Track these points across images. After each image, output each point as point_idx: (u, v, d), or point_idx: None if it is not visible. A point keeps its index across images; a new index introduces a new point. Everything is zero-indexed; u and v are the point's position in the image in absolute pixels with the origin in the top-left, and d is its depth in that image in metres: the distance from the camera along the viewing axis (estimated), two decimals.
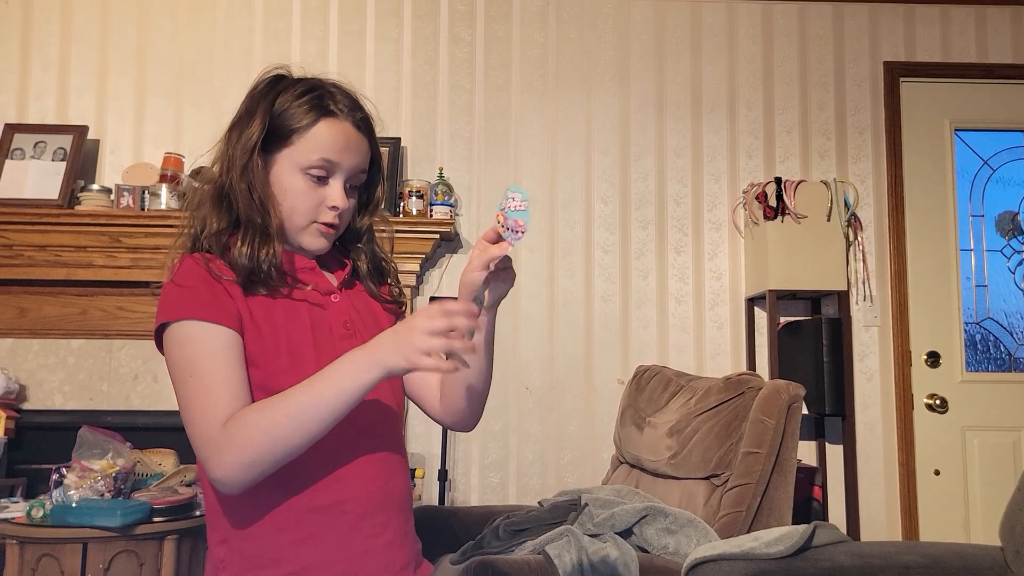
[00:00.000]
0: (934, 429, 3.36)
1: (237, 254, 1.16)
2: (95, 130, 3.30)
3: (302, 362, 1.15)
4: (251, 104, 1.23)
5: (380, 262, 1.34)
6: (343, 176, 1.21)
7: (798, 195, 3.16)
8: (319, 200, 1.20)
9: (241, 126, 1.21)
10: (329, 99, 1.21)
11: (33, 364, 3.16)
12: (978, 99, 3.54)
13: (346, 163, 1.20)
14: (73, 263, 3.05)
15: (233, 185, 1.18)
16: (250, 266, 1.15)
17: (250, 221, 1.17)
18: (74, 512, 2.25)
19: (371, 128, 1.26)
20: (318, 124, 1.19)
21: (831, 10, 3.54)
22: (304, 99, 1.20)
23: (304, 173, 1.19)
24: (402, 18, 3.46)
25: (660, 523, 1.94)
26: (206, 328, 1.10)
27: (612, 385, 3.33)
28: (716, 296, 3.41)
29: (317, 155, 1.18)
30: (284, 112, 1.19)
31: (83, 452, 2.45)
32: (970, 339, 3.45)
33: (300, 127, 1.19)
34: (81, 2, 3.38)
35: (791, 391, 2.06)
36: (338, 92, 1.23)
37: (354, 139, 1.21)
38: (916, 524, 3.29)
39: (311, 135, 1.18)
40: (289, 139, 1.19)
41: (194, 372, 1.09)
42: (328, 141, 1.18)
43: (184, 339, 1.11)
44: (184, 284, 1.14)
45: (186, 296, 1.13)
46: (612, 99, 3.48)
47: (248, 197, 1.18)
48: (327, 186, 1.20)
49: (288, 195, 1.19)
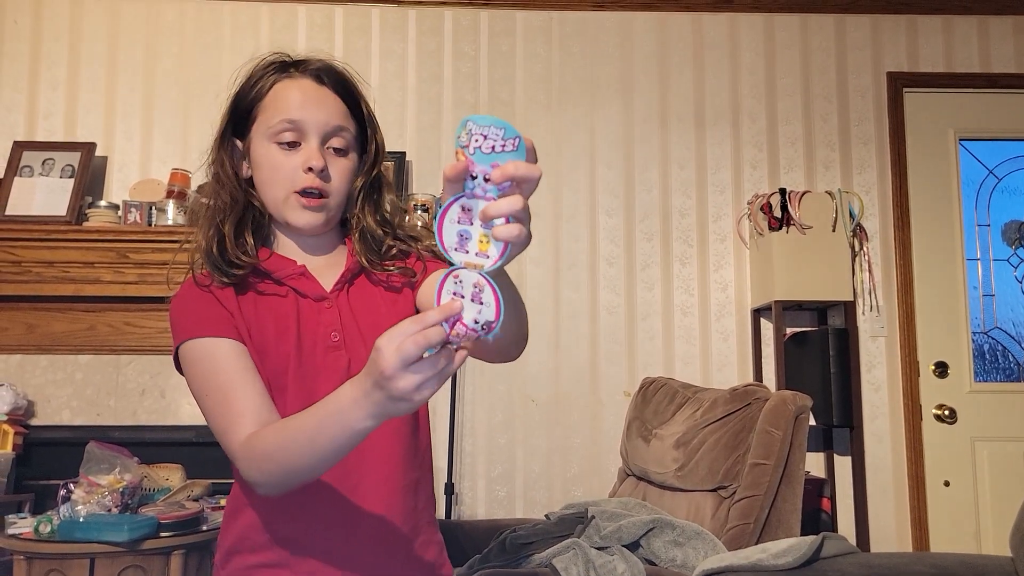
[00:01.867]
0: (943, 440, 3.35)
1: (204, 246, 1.13)
2: (103, 147, 3.33)
3: (284, 383, 1.11)
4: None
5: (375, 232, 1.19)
6: (316, 136, 1.13)
7: (803, 206, 3.17)
8: (294, 164, 1.13)
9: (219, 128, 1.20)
10: (289, 63, 1.18)
11: (41, 380, 3.17)
12: (982, 109, 3.54)
13: (311, 119, 1.13)
14: (81, 279, 3.07)
15: (213, 186, 1.19)
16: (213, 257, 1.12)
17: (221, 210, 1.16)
18: (81, 527, 2.25)
19: (340, 79, 1.18)
20: (275, 87, 1.15)
21: (833, 21, 3.55)
22: (265, 70, 1.17)
23: (274, 142, 1.13)
24: (406, 34, 3.49)
25: (667, 535, 1.93)
26: (206, 343, 1.09)
27: (618, 397, 3.32)
28: (722, 307, 3.40)
29: (278, 117, 1.13)
30: (247, 92, 1.17)
31: (90, 467, 2.46)
32: (978, 349, 3.44)
33: (259, 97, 1.15)
34: (90, 21, 3.42)
35: (798, 402, 2.06)
36: (302, 58, 1.19)
37: (314, 92, 1.15)
38: (926, 535, 3.27)
39: (269, 100, 1.15)
40: (252, 112, 1.16)
41: (208, 392, 1.07)
42: (286, 101, 1.13)
43: (192, 360, 1.10)
44: (177, 307, 1.13)
45: (183, 317, 1.12)
46: (616, 112, 3.49)
47: (221, 191, 1.17)
48: (300, 150, 1.13)
49: (263, 168, 1.15)
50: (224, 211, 1.15)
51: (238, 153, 1.19)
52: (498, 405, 3.32)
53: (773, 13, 3.55)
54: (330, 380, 1.11)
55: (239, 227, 1.15)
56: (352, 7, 3.48)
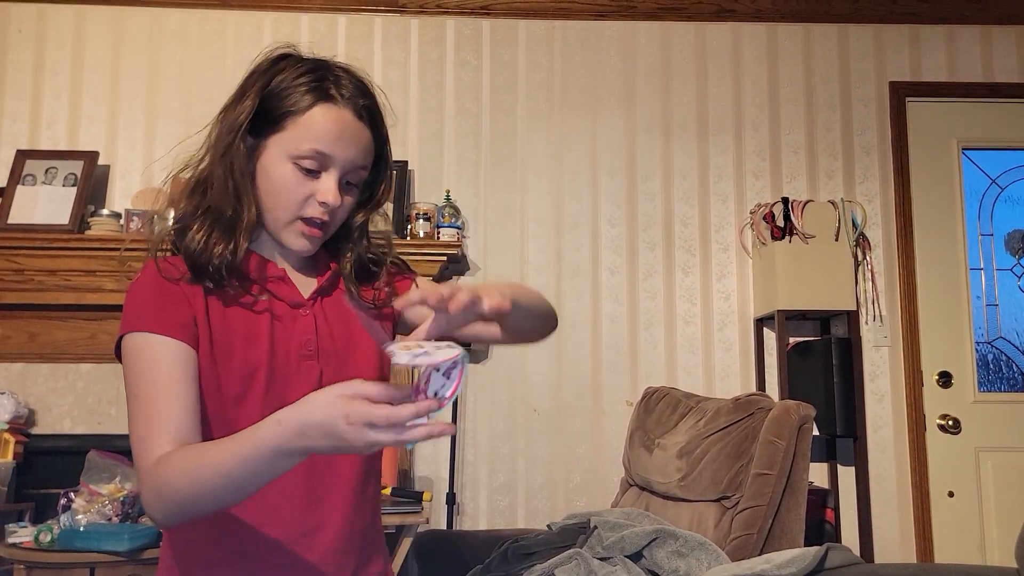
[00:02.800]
0: (947, 450, 3.33)
1: (188, 240, 1.06)
2: (105, 156, 3.33)
3: (252, 390, 1.07)
4: (247, 82, 1.11)
5: (368, 262, 1.19)
6: (338, 171, 1.08)
7: (806, 215, 3.16)
8: (307, 193, 1.07)
9: (232, 106, 1.10)
10: (331, 82, 1.08)
11: (42, 388, 3.16)
12: (985, 118, 3.54)
13: (340, 156, 1.07)
14: (83, 287, 3.07)
15: (212, 169, 1.08)
16: (196, 257, 1.05)
17: (217, 210, 1.07)
18: (82, 536, 2.24)
19: (376, 118, 1.12)
20: (313, 109, 1.06)
21: (836, 31, 3.56)
22: (303, 79, 1.08)
23: (293, 163, 1.06)
24: (409, 43, 3.49)
25: (670, 546, 1.92)
26: (152, 341, 1.02)
27: (621, 407, 3.31)
28: (725, 317, 3.40)
29: (308, 145, 1.05)
30: (279, 92, 1.08)
31: (91, 476, 2.45)
32: (982, 359, 3.42)
33: (294, 111, 1.06)
34: (93, 30, 3.43)
35: (801, 411, 2.05)
36: (344, 76, 1.10)
37: (352, 129, 1.08)
38: (931, 546, 3.25)
39: (304, 121, 1.06)
40: (281, 123, 1.07)
41: (137, 394, 1.01)
42: (322, 130, 1.06)
43: (132, 354, 1.03)
44: (134, 293, 1.06)
45: (135, 306, 1.05)
46: (618, 121, 3.49)
47: (223, 183, 1.07)
48: (318, 180, 1.07)
49: (274, 185, 1.07)
50: (224, 213, 1.07)
51: (248, 148, 1.10)
52: (500, 414, 3.31)
53: (776, 23, 3.55)
54: (300, 390, 1.05)
55: (243, 234, 1.08)
56: (355, 16, 3.49)
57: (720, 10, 3.53)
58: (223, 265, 1.06)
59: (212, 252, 1.05)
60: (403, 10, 3.49)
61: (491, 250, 3.39)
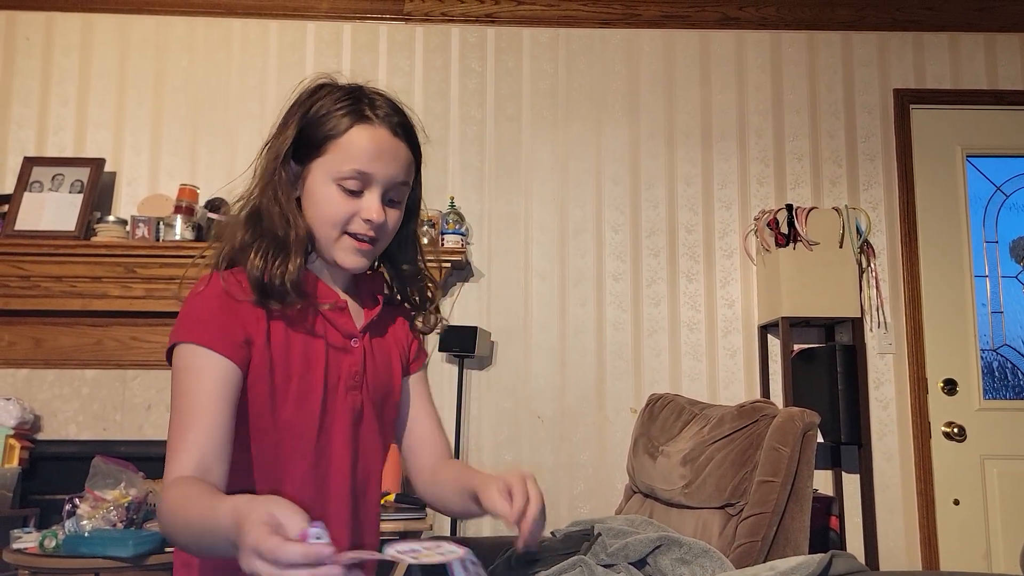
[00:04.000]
0: (952, 458, 3.32)
1: (249, 267, 1.09)
2: (112, 162, 3.35)
3: (304, 416, 1.10)
4: (287, 114, 1.16)
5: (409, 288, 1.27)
6: (380, 188, 1.12)
7: (810, 222, 3.16)
8: (352, 211, 1.12)
9: (275, 137, 1.15)
10: (366, 104, 1.13)
11: (48, 394, 3.17)
12: (989, 125, 3.54)
13: (381, 173, 1.12)
14: (88, 294, 3.08)
15: (261, 199, 1.13)
16: (260, 279, 1.08)
17: (270, 233, 1.11)
18: (86, 542, 2.25)
19: (412, 134, 1.18)
20: (351, 131, 1.11)
21: (840, 38, 3.56)
22: (339, 105, 1.12)
23: (337, 184, 1.11)
24: (413, 51, 3.51)
25: (675, 553, 1.92)
26: (202, 355, 1.04)
27: (624, 414, 3.31)
28: (729, 324, 3.40)
29: (349, 166, 1.10)
30: (318, 119, 1.12)
31: (96, 482, 2.46)
32: (987, 366, 3.42)
33: (333, 135, 1.11)
34: (100, 38, 3.45)
35: (805, 418, 2.04)
36: (379, 98, 1.15)
37: (390, 146, 1.13)
38: (936, 554, 3.24)
39: (344, 143, 1.11)
40: (322, 148, 1.11)
41: (179, 406, 1.03)
42: (361, 149, 1.10)
43: (183, 365, 1.05)
44: (194, 303, 1.09)
45: (192, 316, 1.08)
46: (622, 128, 3.50)
47: (272, 209, 1.11)
48: (361, 198, 1.12)
49: (319, 207, 1.12)
50: (276, 235, 1.11)
51: (292, 174, 1.15)
52: (504, 421, 3.31)
53: (780, 30, 3.56)
54: (343, 420, 1.15)
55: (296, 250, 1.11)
56: (360, 24, 3.51)
57: (724, 18, 3.54)
58: (285, 282, 1.08)
59: (273, 271, 1.08)
60: (408, 18, 3.50)
61: (495, 257, 3.39)
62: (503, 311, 3.36)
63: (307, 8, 3.48)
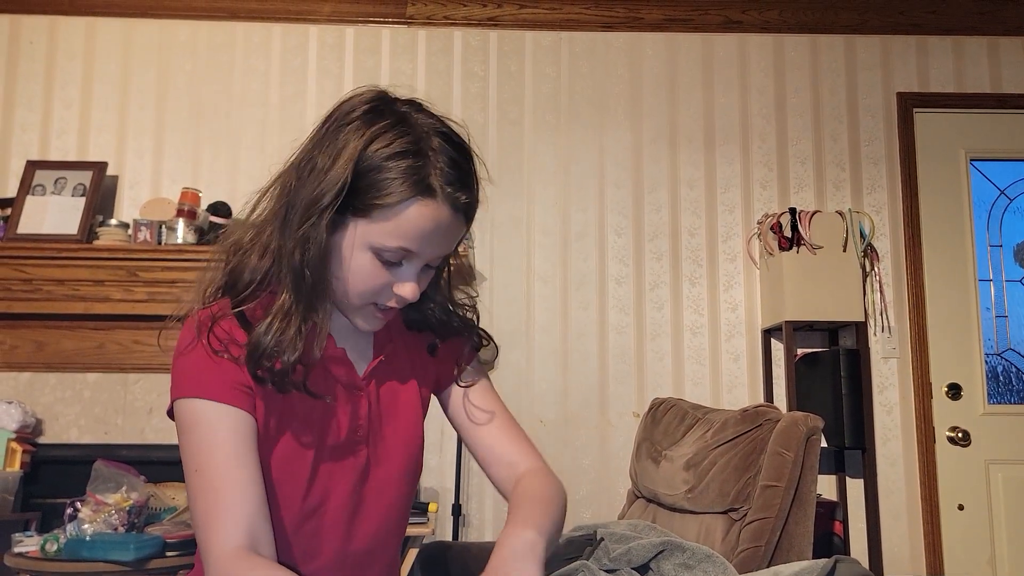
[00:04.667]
0: (957, 463, 3.31)
1: (260, 331, 0.94)
2: (114, 166, 3.35)
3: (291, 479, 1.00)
4: (334, 138, 0.94)
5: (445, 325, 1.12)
6: (421, 262, 0.98)
7: (813, 226, 3.15)
8: (384, 283, 0.97)
9: (313, 166, 0.94)
10: (432, 171, 0.93)
11: (50, 398, 3.17)
12: (993, 129, 3.53)
13: (427, 253, 0.97)
14: (90, 297, 3.08)
15: (284, 244, 0.95)
16: (269, 354, 0.94)
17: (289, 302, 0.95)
18: (88, 546, 2.24)
19: (472, 213, 0.99)
20: (409, 207, 0.92)
21: (843, 42, 3.55)
22: (402, 164, 0.92)
23: (374, 252, 0.95)
24: (416, 54, 3.51)
25: (677, 558, 1.91)
26: (207, 409, 0.94)
27: (627, 418, 3.30)
28: (732, 328, 3.39)
29: (396, 243, 0.94)
30: (371, 173, 0.92)
31: (97, 486, 2.45)
32: (991, 371, 3.40)
33: (387, 203, 0.92)
34: (103, 41, 3.45)
35: (809, 423, 2.03)
36: (445, 158, 0.95)
37: (447, 226, 0.96)
38: (941, 560, 3.22)
39: (396, 216, 0.93)
40: (368, 211, 0.93)
41: (201, 468, 0.92)
42: (414, 229, 0.93)
43: (189, 423, 0.95)
44: (183, 357, 0.97)
45: (185, 369, 0.97)
46: (625, 132, 3.49)
47: (297, 269, 0.94)
48: (398, 269, 0.97)
49: (348, 272, 0.96)
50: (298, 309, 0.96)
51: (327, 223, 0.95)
52: None
53: (783, 34, 3.55)
54: (346, 477, 1.04)
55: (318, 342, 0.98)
56: (363, 27, 3.51)
57: (727, 21, 3.53)
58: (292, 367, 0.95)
59: (285, 355, 0.95)
60: (411, 21, 3.50)
61: (498, 260, 3.39)
62: (505, 315, 3.35)
63: (310, 12, 3.48)
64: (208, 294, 1.02)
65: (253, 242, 0.99)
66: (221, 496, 0.91)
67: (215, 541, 0.89)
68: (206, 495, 0.91)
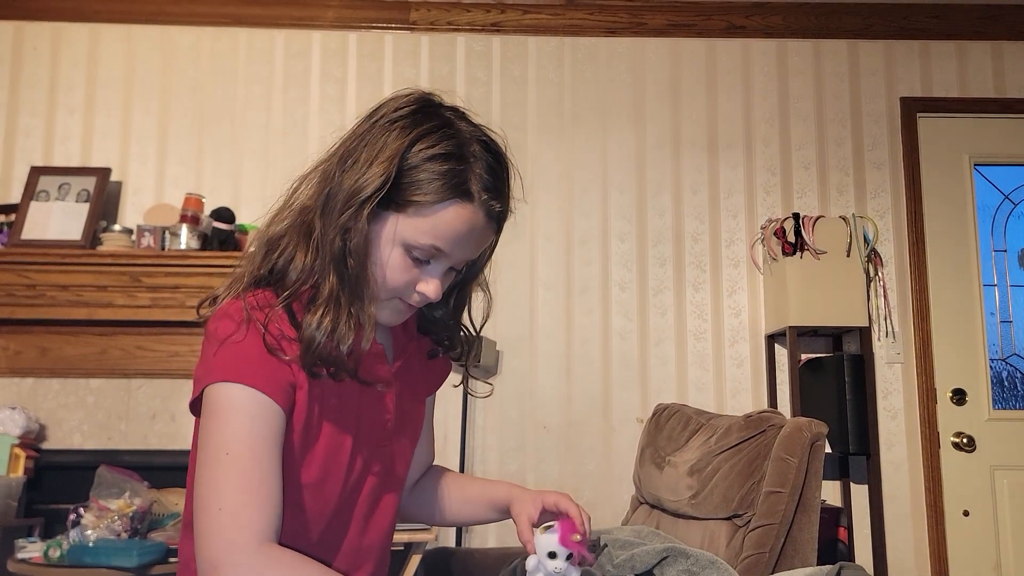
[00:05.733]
0: (962, 468, 3.29)
1: (312, 325, 0.94)
2: (118, 172, 3.36)
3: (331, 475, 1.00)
4: (380, 135, 0.97)
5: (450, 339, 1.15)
6: (447, 264, 1.01)
7: (817, 231, 3.15)
8: (411, 279, 1.00)
9: (358, 157, 0.96)
10: (471, 176, 0.97)
11: (53, 403, 3.17)
12: (997, 134, 3.52)
13: (458, 255, 1.01)
14: (94, 303, 3.08)
15: (326, 232, 0.96)
16: (325, 346, 0.94)
17: (336, 290, 0.95)
18: (91, 552, 2.24)
19: (503, 222, 1.06)
20: (447, 209, 0.96)
21: (846, 47, 3.55)
22: (443, 167, 0.96)
23: (405, 248, 0.98)
24: (419, 60, 3.51)
25: (681, 564, 1.90)
26: (257, 399, 0.91)
27: (631, 424, 3.29)
28: (735, 333, 3.38)
29: (429, 240, 0.97)
30: (412, 171, 0.95)
31: (101, 491, 2.46)
32: (996, 376, 3.39)
33: (424, 201, 0.95)
34: (106, 47, 3.46)
35: (813, 428, 2.03)
36: (484, 165, 0.99)
37: (479, 232, 1.00)
38: (946, 566, 3.21)
39: (432, 215, 0.96)
40: (404, 207, 0.96)
41: (233, 452, 0.89)
42: (449, 230, 0.97)
43: (231, 408, 0.91)
44: (235, 342, 0.93)
45: (235, 354, 0.93)
46: (628, 137, 3.49)
47: (340, 257, 0.95)
48: (425, 267, 1.00)
49: (379, 265, 0.98)
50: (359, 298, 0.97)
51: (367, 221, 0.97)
52: (509, 431, 3.29)
53: (786, 39, 3.55)
54: (375, 472, 1.07)
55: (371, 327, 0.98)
56: (366, 33, 3.51)
57: (730, 26, 3.53)
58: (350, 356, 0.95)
59: (340, 340, 0.94)
60: (413, 27, 3.51)
61: (501, 265, 3.38)
62: (509, 320, 3.35)
63: (313, 17, 3.49)
64: (247, 283, 1.01)
65: (292, 229, 1.00)
66: (250, 485, 0.88)
67: (231, 531, 0.86)
68: (233, 480, 0.88)
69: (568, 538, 1.00)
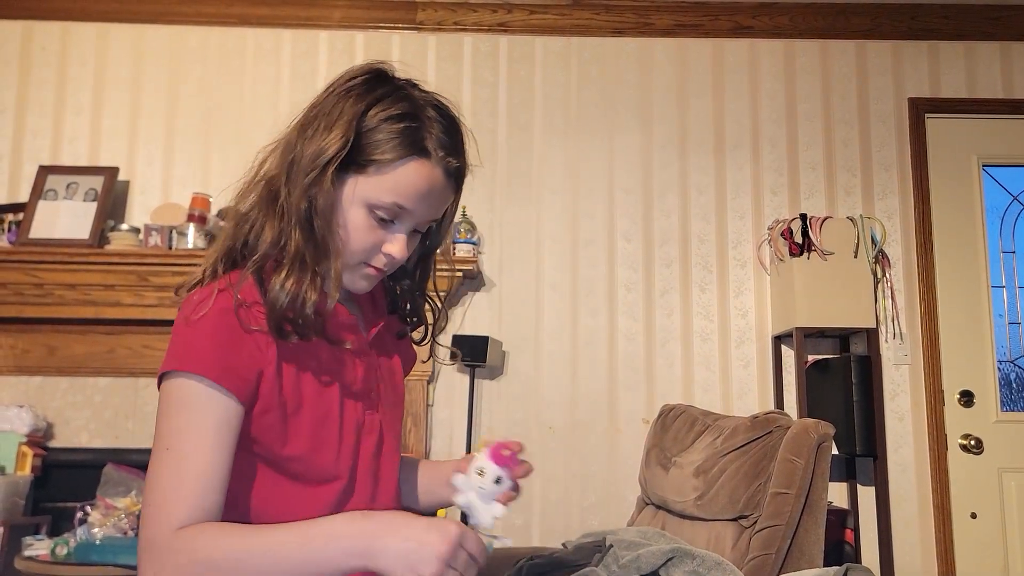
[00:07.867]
0: (969, 470, 3.28)
1: (276, 287, 0.96)
2: (125, 171, 3.37)
3: (322, 444, 1.01)
4: (336, 103, 1.01)
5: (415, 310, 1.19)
6: (411, 224, 1.04)
7: (824, 232, 3.14)
8: (377, 241, 1.02)
9: (318, 126, 1.01)
10: (427, 135, 1.01)
11: (60, 402, 3.18)
12: (1005, 134, 3.51)
13: (420, 213, 1.03)
14: (102, 302, 3.09)
15: (290, 197, 0.99)
16: (288, 307, 0.95)
17: (302, 251, 0.98)
18: (98, 550, 2.25)
19: (462, 179, 1.07)
20: (406, 165, 0.99)
21: (854, 47, 3.54)
22: (399, 126, 1.00)
23: (368, 209, 1.00)
24: (426, 60, 3.51)
25: (687, 565, 1.89)
26: (204, 394, 0.92)
27: (637, 425, 3.29)
28: (742, 334, 3.37)
29: (391, 199, 1.00)
30: (371, 132, 0.99)
31: (108, 490, 2.46)
32: (1004, 378, 3.37)
33: (383, 160, 0.99)
34: (114, 47, 3.47)
35: (820, 430, 2.02)
36: (440, 126, 1.03)
37: (439, 188, 1.03)
38: (953, 569, 3.20)
39: (392, 173, 0.99)
40: (366, 167, 0.99)
41: (172, 447, 0.91)
42: (409, 186, 1.00)
43: (175, 400, 0.93)
44: (197, 327, 0.94)
45: (194, 342, 0.94)
46: (634, 137, 3.49)
47: (305, 219, 0.98)
48: (388, 229, 1.02)
49: (343, 228, 1.00)
50: (323, 257, 0.99)
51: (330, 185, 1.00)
52: (515, 432, 3.29)
53: (793, 39, 3.54)
54: (371, 438, 1.09)
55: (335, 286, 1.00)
56: (373, 33, 3.52)
57: (737, 27, 3.53)
58: (314, 314, 0.97)
59: (304, 300, 0.96)
60: (420, 27, 3.51)
61: (506, 266, 3.38)
62: (514, 321, 3.35)
63: (320, 17, 3.49)
64: (220, 261, 1.03)
65: (260, 201, 1.02)
66: (183, 480, 0.90)
67: (161, 523, 0.88)
68: (167, 475, 0.90)
69: (499, 453, 1.01)
